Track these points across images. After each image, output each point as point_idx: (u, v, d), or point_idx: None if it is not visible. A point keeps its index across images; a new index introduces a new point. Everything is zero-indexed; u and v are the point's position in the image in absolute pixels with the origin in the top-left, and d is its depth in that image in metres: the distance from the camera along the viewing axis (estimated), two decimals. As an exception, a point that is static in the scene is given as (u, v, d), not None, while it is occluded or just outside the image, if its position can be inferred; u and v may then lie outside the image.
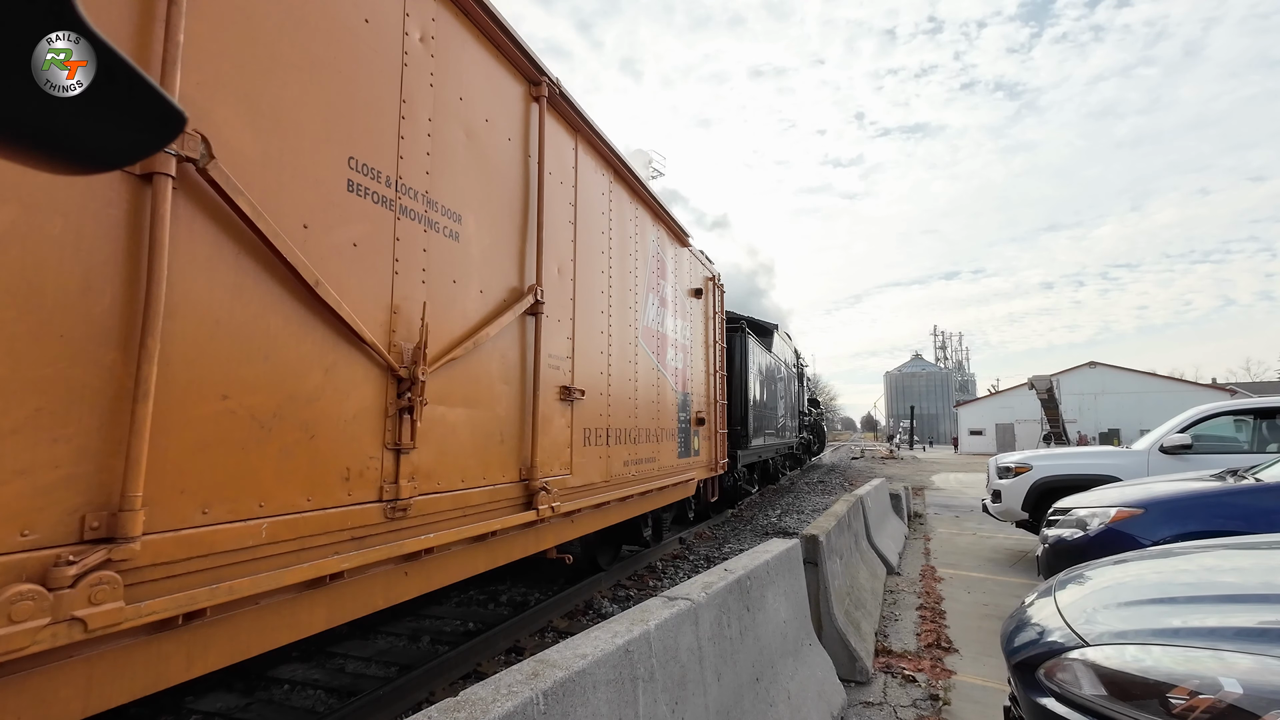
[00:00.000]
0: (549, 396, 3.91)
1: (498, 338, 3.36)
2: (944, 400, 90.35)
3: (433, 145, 2.93)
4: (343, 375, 2.37)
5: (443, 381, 2.93)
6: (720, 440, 8.22)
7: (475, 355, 3.18)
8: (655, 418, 5.90)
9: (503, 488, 3.37)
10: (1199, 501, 3.93)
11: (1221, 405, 6.83)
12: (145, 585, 1.69)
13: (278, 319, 2.12)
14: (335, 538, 2.30)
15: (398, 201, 2.68)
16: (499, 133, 3.49)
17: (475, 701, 1.36)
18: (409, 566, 2.71)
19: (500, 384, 3.41)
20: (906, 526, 9.21)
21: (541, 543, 3.84)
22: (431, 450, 2.83)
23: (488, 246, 3.34)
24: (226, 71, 1.98)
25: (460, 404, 3.07)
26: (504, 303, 3.45)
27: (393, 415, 2.60)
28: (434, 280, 2.89)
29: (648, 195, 5.83)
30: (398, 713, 3.39)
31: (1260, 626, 1.68)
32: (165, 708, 3.38)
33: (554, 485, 3.83)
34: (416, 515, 2.70)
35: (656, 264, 6.19)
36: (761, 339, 13.30)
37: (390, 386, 2.60)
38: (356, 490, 2.41)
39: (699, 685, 2.17)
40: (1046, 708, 1.82)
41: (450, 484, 2.95)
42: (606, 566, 6.12)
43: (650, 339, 5.90)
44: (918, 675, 3.77)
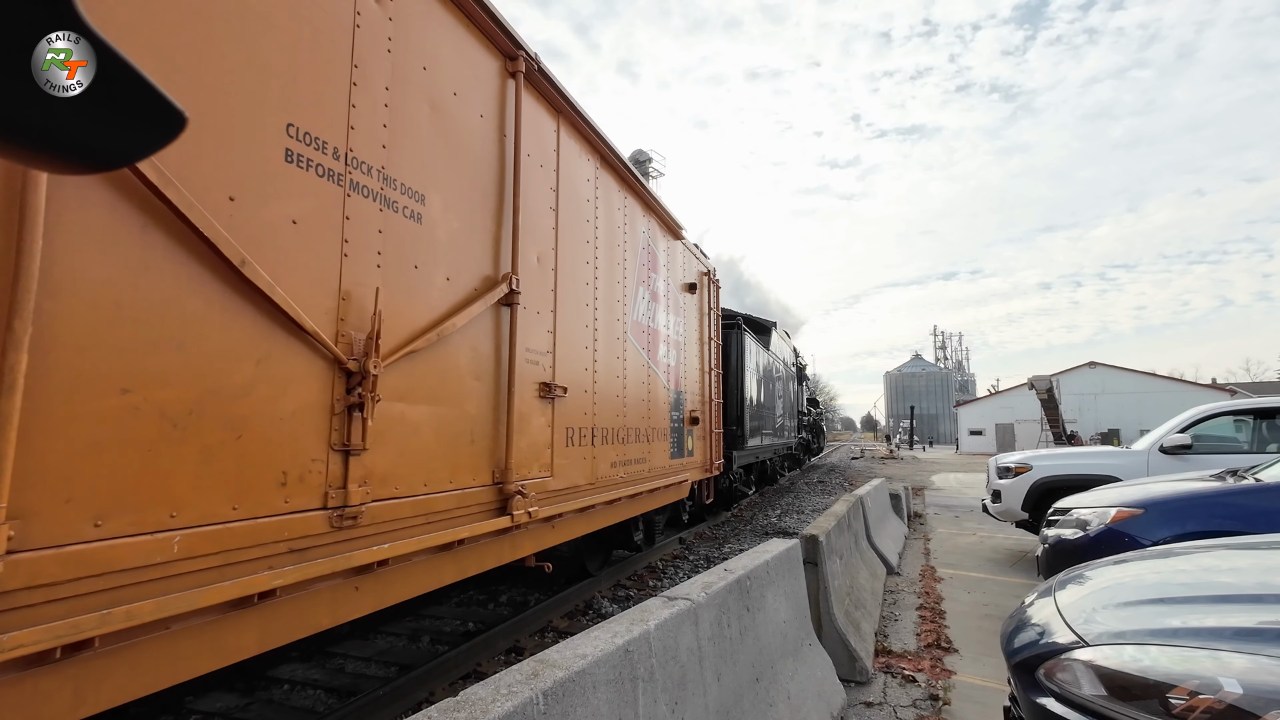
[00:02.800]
0: (527, 394, 3.65)
1: (467, 329, 3.10)
2: (944, 400, 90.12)
3: (390, 117, 2.67)
4: (279, 368, 2.11)
5: (402, 376, 2.67)
6: (715, 440, 7.96)
7: (441, 348, 2.92)
8: (646, 417, 5.64)
9: (473, 492, 3.11)
10: (1199, 502, 3.92)
11: (1221, 405, 6.81)
12: (16, 613, 1.43)
13: (197, 303, 1.86)
14: (268, 550, 2.04)
15: (348, 176, 2.42)
16: (470, 109, 3.23)
17: (475, 701, 1.36)
18: (360, 580, 2.45)
19: (471, 380, 3.15)
20: (906, 526, 9.12)
21: (518, 550, 3.58)
22: (388, 452, 2.57)
23: (456, 230, 3.08)
24: (131, 15, 1.72)
25: (424, 401, 2.81)
26: (475, 292, 3.18)
27: (340, 413, 2.34)
28: (392, 265, 2.64)
29: (638, 184, 5.56)
30: (398, 713, 3.36)
31: (1260, 626, 1.68)
32: (165, 707, 3.34)
33: (532, 489, 3.57)
34: (370, 523, 2.44)
35: (647, 256, 5.92)
36: (759, 337, 13.00)
37: (338, 381, 2.34)
38: (296, 496, 2.15)
39: (699, 685, 2.16)
40: (1046, 708, 1.81)
41: (411, 488, 2.69)
42: (596, 572, 5.88)
43: (640, 334, 5.63)
44: (918, 675, 3.74)
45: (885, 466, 26.54)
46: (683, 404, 6.81)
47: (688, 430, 6.95)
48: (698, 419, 7.25)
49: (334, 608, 2.33)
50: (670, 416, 6.36)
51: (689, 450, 6.97)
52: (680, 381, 6.77)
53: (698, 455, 7.31)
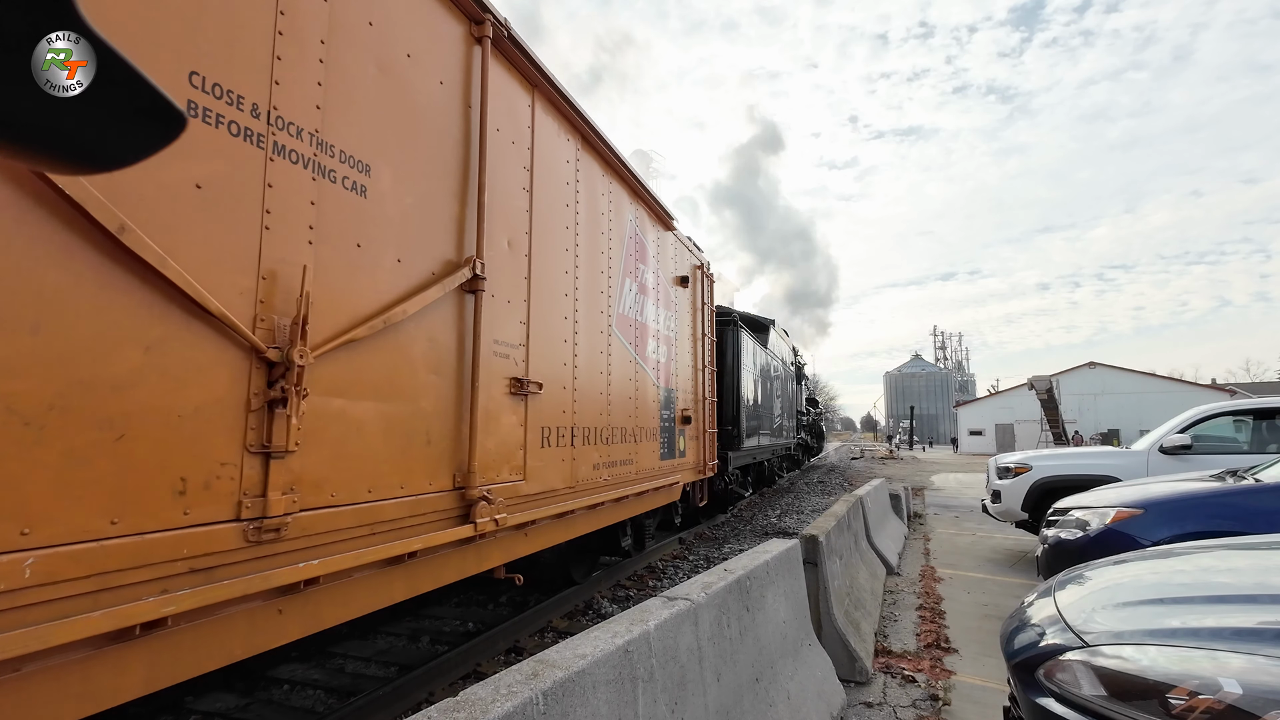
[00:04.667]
0: (495, 390, 3.34)
1: (422, 317, 2.79)
2: (944, 400, 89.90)
3: (327, 75, 2.35)
4: (175, 356, 1.80)
5: (341, 368, 2.36)
6: (709, 440, 7.63)
7: (390, 338, 2.61)
8: (633, 416, 5.32)
9: (429, 498, 2.80)
10: (1198, 502, 3.91)
11: (1221, 406, 6.76)
12: None
13: (61, 276, 1.54)
14: (161, 572, 1.73)
15: (271, 138, 2.11)
16: (427, 74, 2.92)
17: (475, 701, 1.36)
18: (286, 602, 2.14)
19: (427, 373, 2.84)
20: (906, 527, 9.00)
21: (484, 561, 3.26)
22: (322, 454, 2.26)
23: (409, 208, 2.77)
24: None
25: (369, 396, 2.50)
26: (432, 276, 2.87)
27: (259, 410, 2.03)
28: (328, 241, 2.32)
29: (624, 169, 5.23)
30: (398, 713, 3.33)
31: (1259, 627, 1.67)
32: (165, 707, 3.30)
33: (500, 494, 3.26)
34: (297, 536, 2.13)
35: (635, 246, 5.58)
36: (756, 335, 12.62)
37: (256, 373, 2.03)
38: (200, 507, 1.84)
39: (699, 685, 2.16)
40: (1046, 708, 1.81)
41: (352, 495, 2.38)
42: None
43: (627, 328, 5.31)
44: (917, 675, 3.72)
45: (885, 467, 26.30)
46: (674, 402, 6.47)
47: (679, 430, 6.61)
48: (690, 418, 6.91)
49: (250, 635, 2.01)
50: (660, 415, 6.03)
51: (681, 451, 6.63)
52: (671, 379, 6.45)
53: (690, 456, 6.97)
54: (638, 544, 6.40)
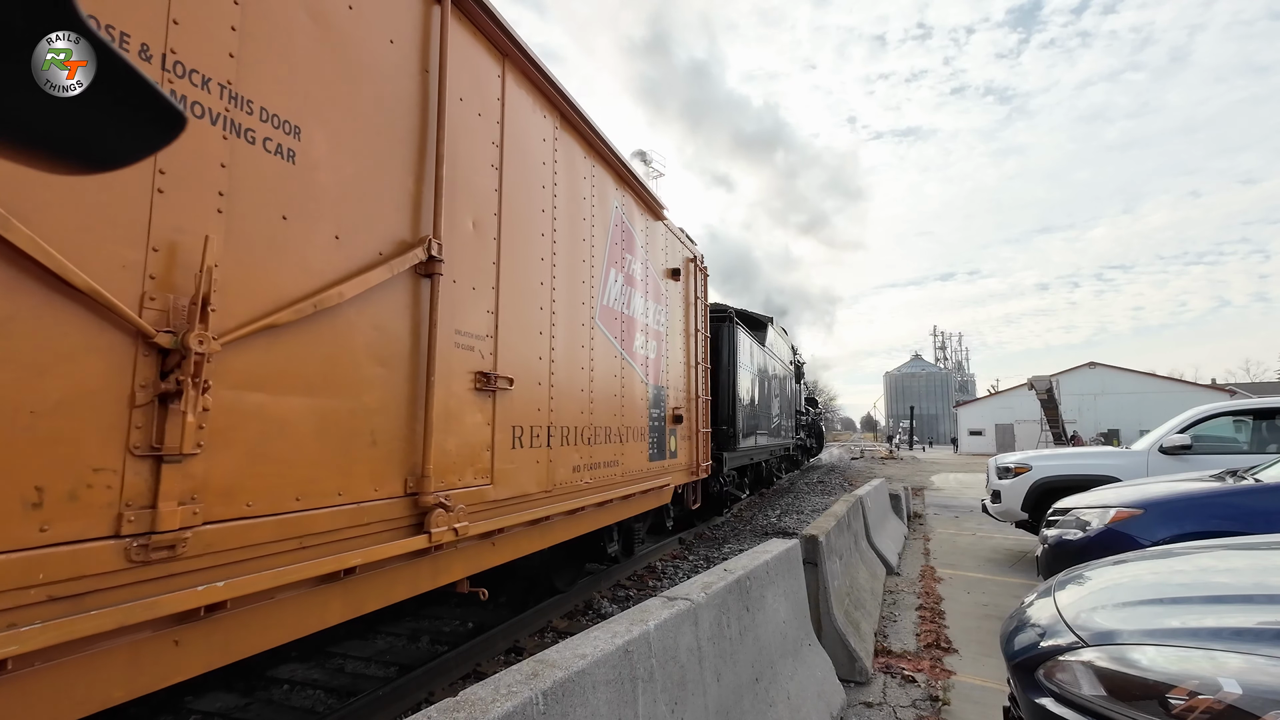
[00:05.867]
0: (457, 385, 3.02)
1: (366, 302, 2.47)
2: (944, 400, 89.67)
3: (243, 20, 2.04)
4: (26, 340, 1.48)
5: (260, 357, 2.05)
6: (702, 440, 7.30)
7: (324, 324, 2.29)
8: (618, 414, 5.00)
9: (375, 506, 2.48)
10: (1198, 502, 3.90)
11: (1221, 406, 6.75)
12: None
13: None
14: (5, 602, 1.41)
15: (166, 86, 1.79)
16: (373, 30, 2.60)
17: (475, 701, 1.35)
18: (184, 631, 1.81)
19: (372, 365, 2.52)
20: (906, 527, 8.95)
21: (441, 575, 2.93)
22: (235, 457, 1.94)
23: (350, 178, 2.44)
24: None
25: (297, 391, 2.18)
26: (379, 256, 2.55)
27: (147, 405, 1.71)
28: (243, 211, 2.01)
29: (609, 152, 4.88)
30: (397, 713, 3.31)
31: (1259, 627, 1.67)
32: (164, 706, 3.28)
33: (462, 500, 2.95)
34: (200, 554, 1.81)
35: (621, 235, 5.25)
36: (754, 332, 12.25)
37: (145, 361, 1.71)
38: (62, 522, 1.52)
39: (699, 685, 2.16)
40: (1046, 708, 1.80)
41: (274, 505, 2.06)
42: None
43: (612, 321, 4.99)
44: (917, 675, 3.72)
45: (885, 467, 26.14)
46: (664, 400, 6.16)
47: (670, 430, 6.28)
48: (682, 417, 6.59)
49: (133, 673, 1.69)
50: (649, 414, 5.71)
51: (672, 452, 6.32)
52: (661, 376, 6.13)
53: (682, 457, 6.65)
54: (626, 549, 6.11)
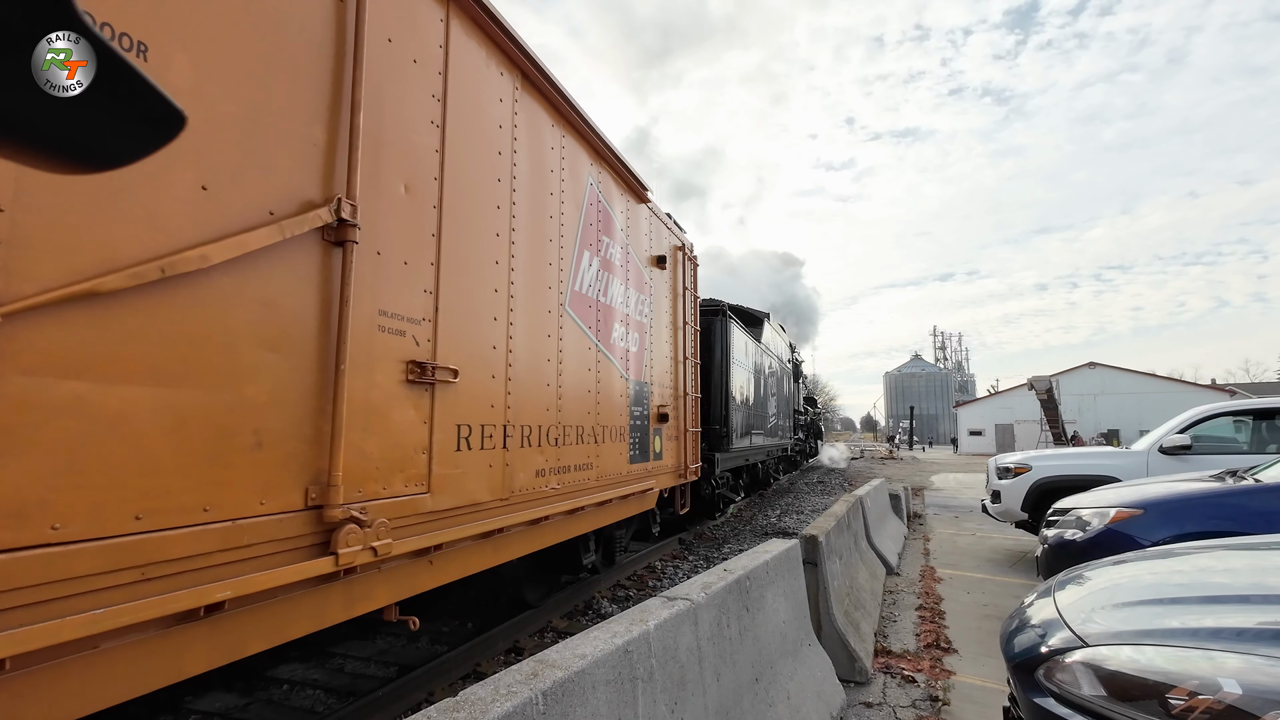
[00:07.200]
0: (382, 376, 2.57)
1: (246, 271, 2.01)
2: (943, 401, 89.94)
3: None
4: None
5: (76, 334, 1.61)
6: (691, 441, 6.83)
7: (179, 293, 1.83)
8: (592, 412, 4.52)
9: (258, 524, 2.02)
10: (1198, 502, 3.92)
11: (1221, 406, 6.79)
12: None
13: None
14: None
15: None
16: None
17: (475, 701, 1.36)
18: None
19: (257, 349, 2.06)
20: (906, 527, 9.00)
21: (358, 604, 2.48)
22: (34, 466, 1.52)
23: (227, 116, 2.00)
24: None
25: (137, 379, 1.73)
26: (269, 216, 2.10)
27: None
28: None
29: (582, 122, 4.37)
30: (397, 713, 3.30)
31: (1259, 627, 1.68)
32: (164, 706, 3.28)
33: (385, 512, 2.51)
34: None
35: (598, 215, 4.74)
36: (749, 328, 11.70)
37: None
38: None
39: (698, 685, 2.16)
40: (1046, 708, 1.81)
41: (100, 526, 1.64)
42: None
43: (585, 309, 4.50)
44: (917, 675, 3.73)
45: (885, 467, 26.28)
46: (647, 398, 5.64)
47: (654, 429, 5.81)
48: (667, 416, 6.09)
49: None
50: (629, 412, 5.22)
51: (656, 453, 5.83)
52: (644, 371, 5.62)
53: (668, 459, 6.15)
54: (608, 558, 5.73)
